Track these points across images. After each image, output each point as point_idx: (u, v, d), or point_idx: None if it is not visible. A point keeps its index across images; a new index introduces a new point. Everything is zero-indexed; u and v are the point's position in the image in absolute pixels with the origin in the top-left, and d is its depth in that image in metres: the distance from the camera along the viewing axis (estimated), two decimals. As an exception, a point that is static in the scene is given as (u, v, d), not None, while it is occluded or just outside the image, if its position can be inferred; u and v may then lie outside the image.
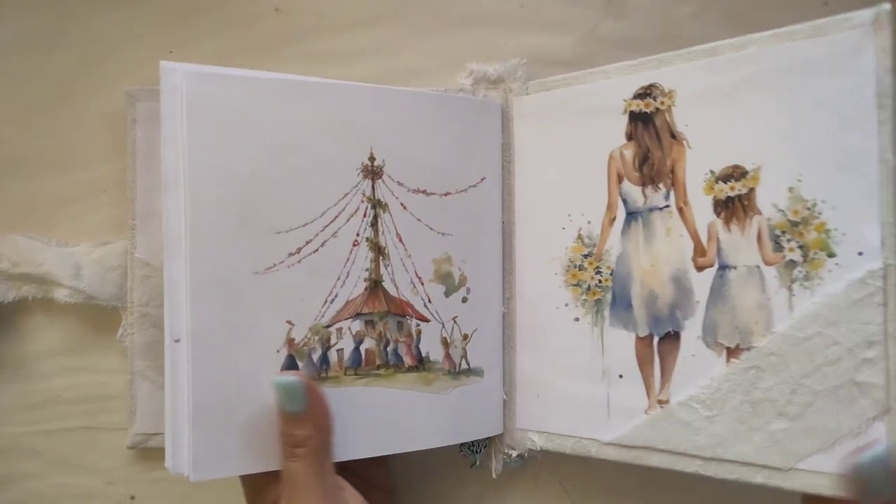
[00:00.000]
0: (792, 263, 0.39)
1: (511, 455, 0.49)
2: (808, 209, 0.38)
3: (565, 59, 0.49)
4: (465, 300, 0.49)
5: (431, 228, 0.48)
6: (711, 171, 0.41)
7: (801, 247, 0.38)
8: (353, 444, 0.44)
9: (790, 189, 0.39)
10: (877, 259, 0.36)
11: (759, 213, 0.40)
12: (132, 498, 0.52)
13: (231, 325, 0.43)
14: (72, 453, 0.52)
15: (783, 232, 0.39)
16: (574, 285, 0.46)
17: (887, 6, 0.36)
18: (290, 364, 0.44)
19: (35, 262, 0.51)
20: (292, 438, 0.41)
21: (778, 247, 0.39)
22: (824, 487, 0.37)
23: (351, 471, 0.46)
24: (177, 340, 0.42)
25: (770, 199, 0.39)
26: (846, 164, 0.37)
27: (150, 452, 0.49)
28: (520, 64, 0.49)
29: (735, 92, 0.40)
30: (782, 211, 0.39)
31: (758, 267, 0.40)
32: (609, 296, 0.45)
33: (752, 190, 0.40)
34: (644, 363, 0.44)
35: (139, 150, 0.50)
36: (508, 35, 0.50)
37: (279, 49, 0.52)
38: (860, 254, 0.36)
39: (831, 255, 0.37)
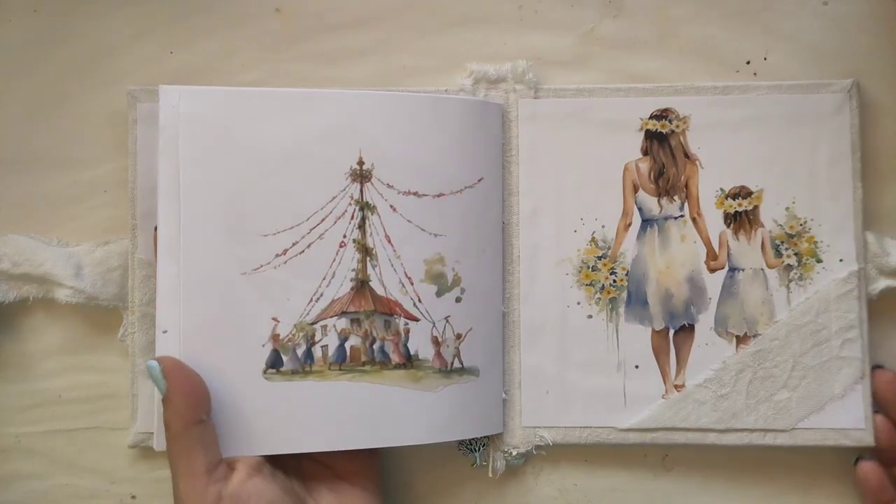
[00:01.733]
0: (789, 267, 0.49)
1: (512, 453, 0.49)
2: (801, 225, 0.49)
3: (564, 60, 0.51)
4: (458, 300, 0.49)
5: (423, 229, 0.48)
6: (721, 189, 0.49)
7: (796, 254, 0.49)
8: (337, 436, 0.46)
9: (787, 209, 0.49)
10: (853, 264, 0.49)
11: (762, 226, 0.49)
12: (133, 497, 0.52)
13: (219, 321, 0.45)
14: (73, 453, 0.52)
15: (782, 242, 0.49)
16: (587, 285, 0.50)
17: (857, 80, 0.49)
18: (275, 358, 0.46)
19: (36, 261, 0.50)
20: (164, 420, 0.42)
21: (778, 254, 0.49)
22: (816, 440, 0.48)
23: (334, 471, 0.47)
24: (164, 331, 0.44)
25: (771, 216, 0.49)
26: (829, 194, 0.49)
27: (151, 452, 0.48)
28: (528, 66, 0.50)
29: (741, 126, 0.49)
30: (781, 226, 0.49)
31: (762, 269, 0.49)
32: (624, 294, 0.49)
33: (756, 207, 0.49)
34: (660, 353, 0.49)
35: (140, 150, 0.50)
36: (507, 35, 0.51)
37: (280, 49, 0.52)
38: (841, 260, 0.49)
39: (819, 261, 0.49)
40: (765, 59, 0.50)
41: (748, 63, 0.50)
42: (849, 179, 0.49)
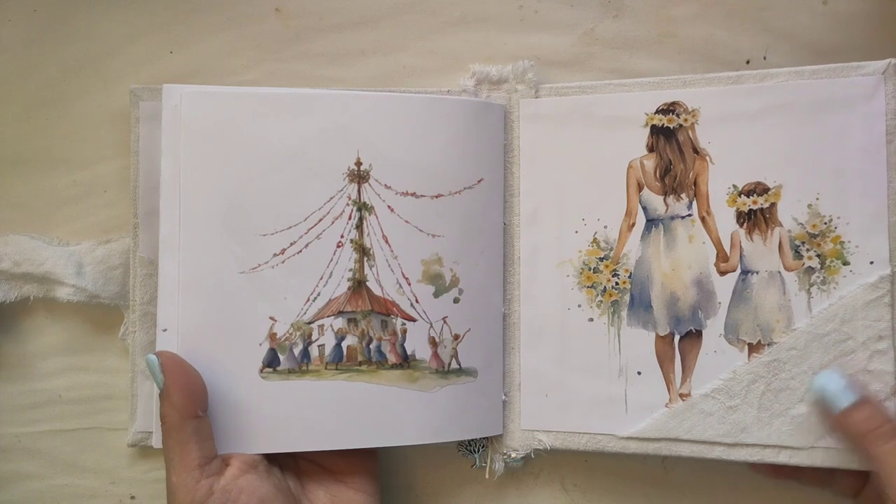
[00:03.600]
0: (810, 270, 0.45)
1: (511, 455, 0.49)
2: (826, 224, 0.45)
3: (564, 60, 0.50)
4: (456, 301, 0.49)
5: (420, 230, 0.48)
6: (734, 186, 0.46)
7: (818, 256, 0.45)
8: (333, 435, 0.46)
9: (809, 206, 0.45)
10: (886, 267, 0.43)
11: (780, 224, 0.45)
12: (132, 498, 0.52)
13: (216, 320, 0.46)
14: (73, 453, 0.52)
15: (802, 242, 0.45)
16: (589, 287, 0.48)
17: (894, 60, 0.43)
18: (272, 357, 0.47)
19: (37, 260, 0.51)
20: (160, 413, 0.44)
21: (798, 255, 0.45)
22: (841, 461, 0.44)
23: (330, 471, 0.48)
24: (164, 330, 0.46)
25: (790, 214, 0.45)
26: (859, 188, 0.44)
27: (151, 452, 0.49)
28: (529, 66, 0.49)
29: (757, 117, 0.45)
30: (801, 224, 0.45)
31: (779, 272, 0.45)
32: (627, 297, 0.47)
33: (773, 205, 0.45)
34: (664, 360, 0.47)
35: (142, 148, 0.50)
36: (508, 35, 0.51)
37: (280, 49, 0.52)
38: (872, 262, 0.44)
39: (846, 263, 0.44)
40: (764, 58, 0.48)
41: (748, 62, 0.48)
42: (882, 172, 0.44)
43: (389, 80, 0.51)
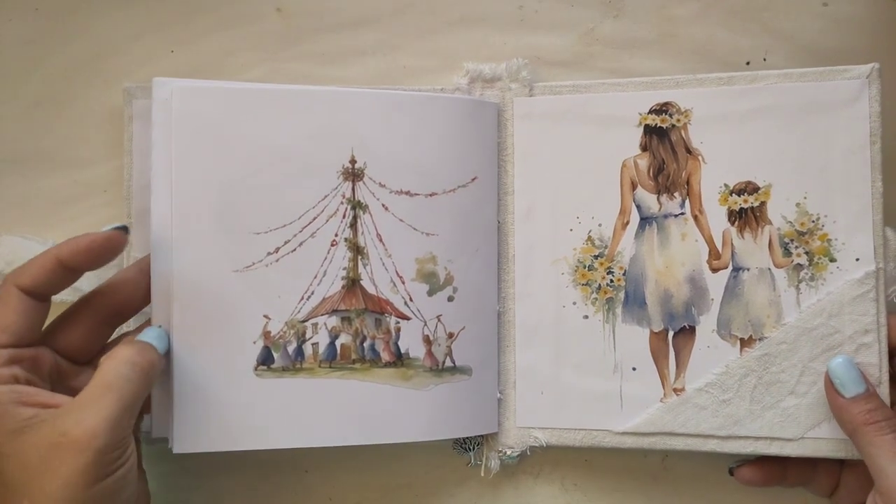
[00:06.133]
0: (799, 267, 0.46)
1: (506, 453, 0.49)
2: (813, 222, 0.46)
3: (564, 60, 0.51)
4: (451, 299, 0.49)
5: (415, 229, 0.48)
6: (725, 185, 0.47)
7: (807, 253, 0.46)
8: (326, 432, 0.46)
9: (797, 204, 0.46)
10: (871, 264, 0.45)
11: (770, 223, 0.47)
12: None
13: (211, 318, 0.46)
14: None
15: (791, 240, 0.46)
16: (583, 284, 0.49)
17: (878, 65, 0.45)
18: (266, 355, 0.47)
19: None
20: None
21: (787, 252, 0.46)
22: (828, 451, 0.45)
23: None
24: (159, 327, 0.45)
25: (780, 212, 0.46)
26: (845, 187, 0.46)
27: (150, 450, 0.47)
28: (523, 64, 0.49)
29: (748, 118, 0.47)
30: (790, 223, 0.46)
31: (769, 269, 0.47)
32: (622, 294, 0.48)
33: (763, 203, 0.47)
34: (659, 356, 0.48)
35: (136, 147, 0.50)
36: (507, 35, 0.51)
37: (280, 49, 0.52)
38: (857, 259, 0.45)
39: (833, 260, 0.46)
40: (764, 59, 0.49)
41: (748, 63, 0.49)
42: (867, 172, 0.45)
43: (389, 80, 0.51)
